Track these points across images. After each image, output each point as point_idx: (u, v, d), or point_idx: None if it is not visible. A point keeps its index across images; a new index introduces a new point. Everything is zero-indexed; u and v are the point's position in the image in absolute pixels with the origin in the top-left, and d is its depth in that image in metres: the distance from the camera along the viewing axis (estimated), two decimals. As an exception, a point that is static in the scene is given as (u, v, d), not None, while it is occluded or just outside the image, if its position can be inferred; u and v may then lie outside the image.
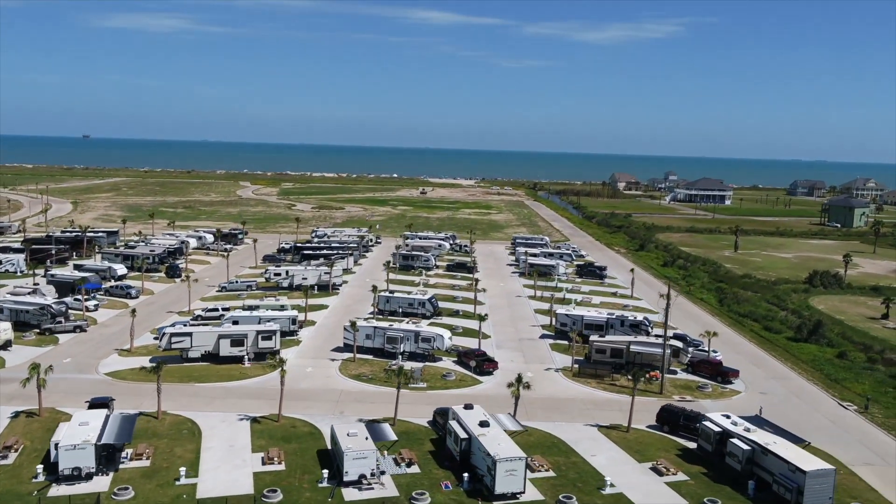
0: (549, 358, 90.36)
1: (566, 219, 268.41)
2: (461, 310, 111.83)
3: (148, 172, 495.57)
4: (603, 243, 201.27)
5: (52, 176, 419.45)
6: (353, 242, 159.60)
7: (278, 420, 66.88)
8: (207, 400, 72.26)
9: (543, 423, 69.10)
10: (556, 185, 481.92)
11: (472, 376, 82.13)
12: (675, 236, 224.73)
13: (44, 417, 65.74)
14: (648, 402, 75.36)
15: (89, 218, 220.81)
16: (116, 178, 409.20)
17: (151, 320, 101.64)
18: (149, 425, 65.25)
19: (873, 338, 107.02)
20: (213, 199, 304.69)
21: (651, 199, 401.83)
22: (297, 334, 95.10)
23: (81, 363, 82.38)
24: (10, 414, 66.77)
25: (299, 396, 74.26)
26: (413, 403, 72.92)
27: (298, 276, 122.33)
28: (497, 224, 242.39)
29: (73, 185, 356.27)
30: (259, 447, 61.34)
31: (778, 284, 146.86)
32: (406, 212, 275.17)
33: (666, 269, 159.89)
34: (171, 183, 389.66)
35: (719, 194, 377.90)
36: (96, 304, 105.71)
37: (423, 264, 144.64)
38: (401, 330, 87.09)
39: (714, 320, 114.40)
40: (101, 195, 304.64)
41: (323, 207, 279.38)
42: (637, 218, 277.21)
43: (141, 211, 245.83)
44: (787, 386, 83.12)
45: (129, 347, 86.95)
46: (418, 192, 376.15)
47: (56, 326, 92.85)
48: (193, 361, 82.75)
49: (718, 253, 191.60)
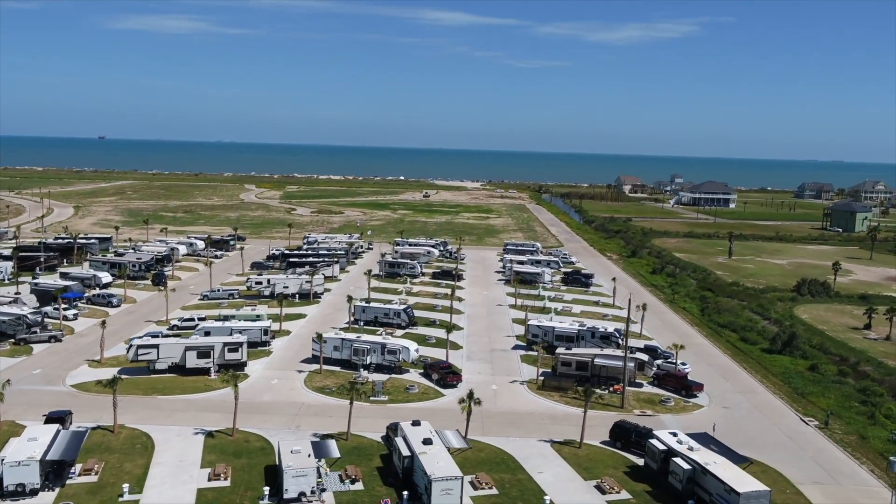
0: (517, 370, 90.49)
1: (565, 223, 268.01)
2: (439, 319, 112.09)
3: (156, 175, 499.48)
4: (596, 249, 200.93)
5: (61, 179, 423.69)
6: (342, 249, 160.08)
7: (232, 434, 67.52)
8: (168, 413, 73.02)
9: (497, 438, 69.32)
10: (562, 188, 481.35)
11: (436, 389, 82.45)
12: (672, 241, 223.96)
13: (1, 431, 66.63)
14: (608, 417, 75.47)
15: (88, 223, 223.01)
16: (123, 182, 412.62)
17: (129, 330, 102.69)
18: (104, 439, 66.08)
19: (851, 349, 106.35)
20: (214, 202, 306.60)
21: (656, 202, 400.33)
22: (269, 345, 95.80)
23: (50, 374, 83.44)
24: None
25: (259, 409, 74.95)
26: (372, 417, 73.34)
27: (280, 285, 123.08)
28: (494, 229, 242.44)
29: (80, 188, 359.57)
30: (209, 462, 61.99)
31: (765, 293, 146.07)
32: (405, 216, 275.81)
33: (654, 276, 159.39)
34: (176, 186, 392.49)
35: (724, 197, 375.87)
36: (75, 314, 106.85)
37: (408, 272, 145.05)
38: (367, 342, 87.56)
39: (692, 330, 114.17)
40: (105, 199, 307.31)
41: (322, 212, 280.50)
42: (636, 222, 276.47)
43: (141, 216, 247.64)
44: (753, 400, 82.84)
45: (100, 358, 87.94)
46: (421, 196, 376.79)
47: (31, 336, 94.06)
48: (161, 373, 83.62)
49: (712, 259, 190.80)
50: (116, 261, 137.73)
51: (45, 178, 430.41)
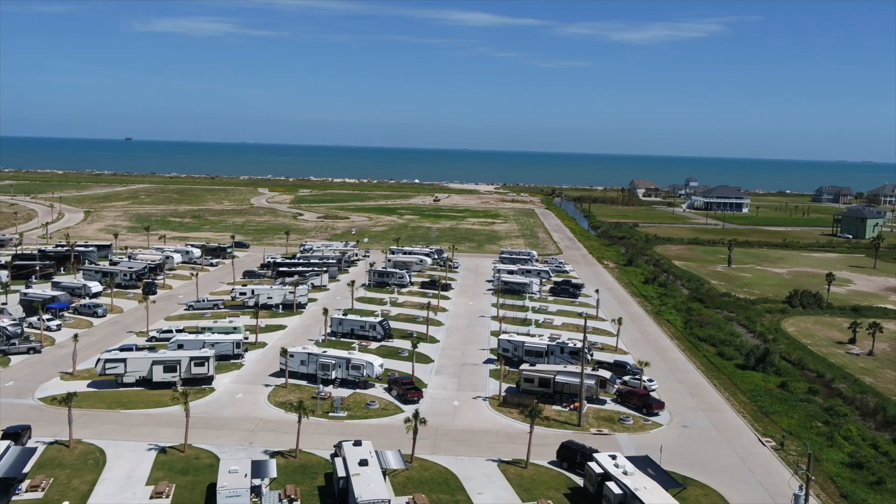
0: (483, 385, 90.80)
1: (569, 229, 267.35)
2: (416, 332, 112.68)
3: (173, 178, 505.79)
4: (595, 257, 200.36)
5: (78, 182, 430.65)
6: (333, 258, 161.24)
7: (184, 451, 68.73)
8: (127, 428, 74.42)
9: (446, 457, 69.80)
10: (575, 191, 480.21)
11: (396, 405, 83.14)
12: (674, 249, 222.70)
13: (-41, 445, 68.38)
14: (564, 435, 75.66)
15: (94, 229, 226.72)
16: (139, 185, 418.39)
17: (109, 341, 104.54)
18: (58, 454, 67.60)
19: (830, 365, 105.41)
20: (224, 207, 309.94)
21: (669, 206, 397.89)
22: (241, 357, 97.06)
23: (22, 387, 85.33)
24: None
25: (217, 424, 76.14)
26: (326, 434, 74.07)
27: (264, 295, 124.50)
28: (497, 235, 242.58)
29: (95, 192, 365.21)
30: (155, 479, 63.18)
31: (756, 304, 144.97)
32: (411, 221, 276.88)
33: (646, 286, 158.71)
34: (190, 190, 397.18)
35: (736, 202, 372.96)
36: (58, 324, 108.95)
37: (397, 282, 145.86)
38: (332, 357, 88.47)
39: (671, 344, 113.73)
40: (117, 203, 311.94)
41: (328, 217, 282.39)
42: (643, 228, 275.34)
43: (148, 221, 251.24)
44: (714, 419, 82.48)
45: (72, 371, 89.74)
46: (432, 200, 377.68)
47: (10, 348, 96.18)
48: (129, 386, 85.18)
49: (710, 267, 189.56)
50: (109, 270, 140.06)
51: (64, 181, 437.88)
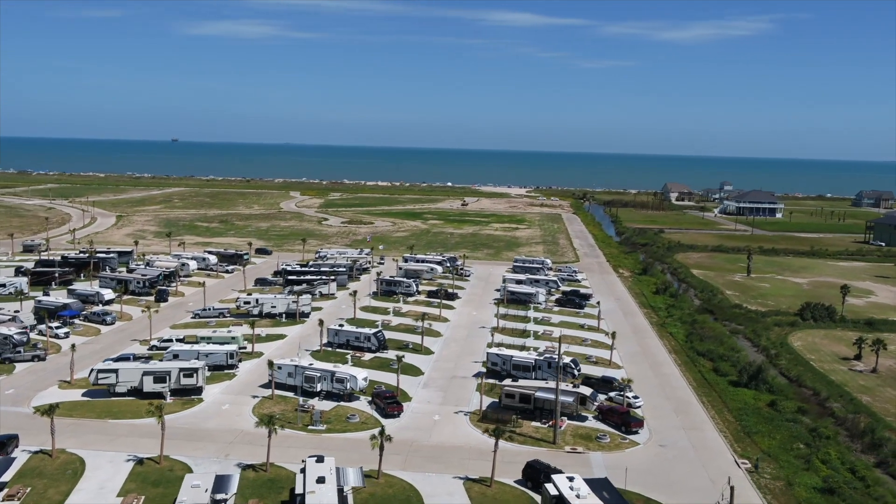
0: (467, 399, 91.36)
1: (592, 235, 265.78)
2: (413, 343, 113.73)
3: (210, 181, 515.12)
4: (612, 265, 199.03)
5: (117, 186, 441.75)
6: (343, 266, 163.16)
7: (160, 462, 70.86)
8: (111, 438, 76.89)
9: (415, 473, 70.69)
10: (607, 195, 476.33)
11: (377, 419, 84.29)
12: (695, 256, 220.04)
13: (-51, 453, 71.52)
14: (538, 453, 76.14)
15: (122, 234, 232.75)
16: (174, 189, 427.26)
17: (114, 349, 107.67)
18: (41, 464, 70.28)
19: (829, 382, 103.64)
20: (252, 212, 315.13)
21: (701, 210, 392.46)
22: (236, 368, 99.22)
23: (20, 395, 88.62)
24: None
25: (199, 436, 78.21)
26: (303, 447, 75.51)
27: (268, 305, 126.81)
28: (517, 242, 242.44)
29: (131, 196, 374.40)
30: (126, 491, 65.37)
31: (767, 316, 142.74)
32: (434, 227, 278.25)
33: (657, 296, 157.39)
34: (223, 194, 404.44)
35: (769, 207, 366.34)
36: (66, 332, 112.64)
37: (404, 290, 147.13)
38: (318, 369, 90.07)
39: (668, 358, 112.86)
40: (150, 207, 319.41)
41: (353, 222, 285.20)
42: (668, 234, 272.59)
43: (176, 226, 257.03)
44: (695, 438, 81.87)
45: (70, 380, 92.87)
46: (460, 204, 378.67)
47: (15, 356, 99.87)
48: (121, 396, 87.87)
49: (728, 277, 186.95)
50: (122, 277, 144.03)
51: (104, 184, 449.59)
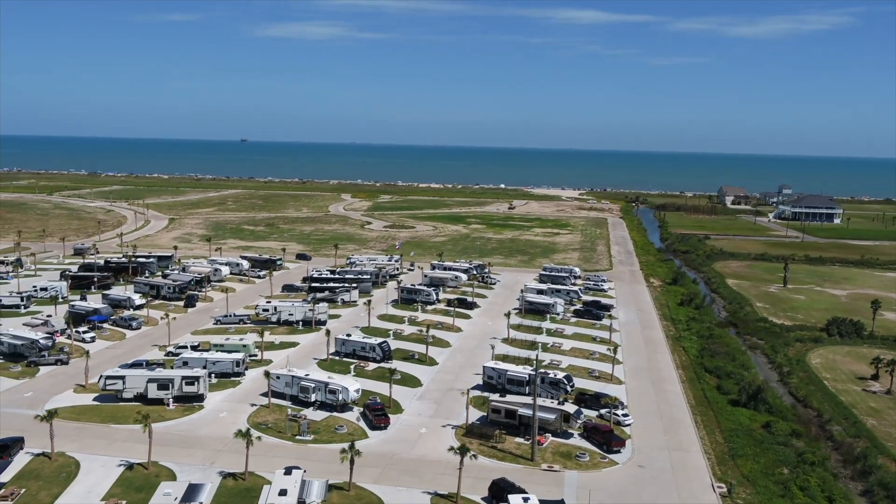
0: (459, 413, 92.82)
1: (633, 241, 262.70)
2: (419, 353, 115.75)
3: (267, 183, 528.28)
4: (644, 274, 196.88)
5: (178, 187, 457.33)
6: (367, 273, 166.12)
7: (148, 468, 74.79)
8: (109, 442, 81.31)
9: (386, 487, 72.73)
10: (661, 198, 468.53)
11: (364, 430, 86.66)
12: (734, 265, 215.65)
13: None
14: (515, 470, 77.31)
15: (170, 238, 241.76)
16: (230, 191, 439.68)
17: (134, 354, 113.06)
18: (40, 466, 75.07)
19: (837, 403, 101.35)
20: (300, 215, 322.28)
21: (757, 215, 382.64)
22: (242, 375, 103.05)
23: (37, 398, 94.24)
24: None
25: (191, 443, 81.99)
26: (287, 457, 78.36)
27: (285, 312, 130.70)
28: (554, 248, 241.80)
29: (188, 198, 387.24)
30: (111, 495, 69.36)
31: (792, 331, 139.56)
32: (475, 231, 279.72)
33: (681, 307, 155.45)
34: (276, 196, 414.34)
35: (827, 212, 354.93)
36: (93, 336, 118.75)
37: (424, 299, 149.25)
38: (313, 380, 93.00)
39: (674, 374, 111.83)
40: (203, 210, 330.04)
41: (394, 226, 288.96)
42: (714, 241, 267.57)
43: (223, 229, 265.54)
44: (678, 459, 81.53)
45: (85, 384, 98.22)
46: (507, 207, 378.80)
47: (40, 359, 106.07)
48: (128, 401, 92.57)
49: (763, 288, 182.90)
50: (154, 282, 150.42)
51: (166, 186, 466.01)
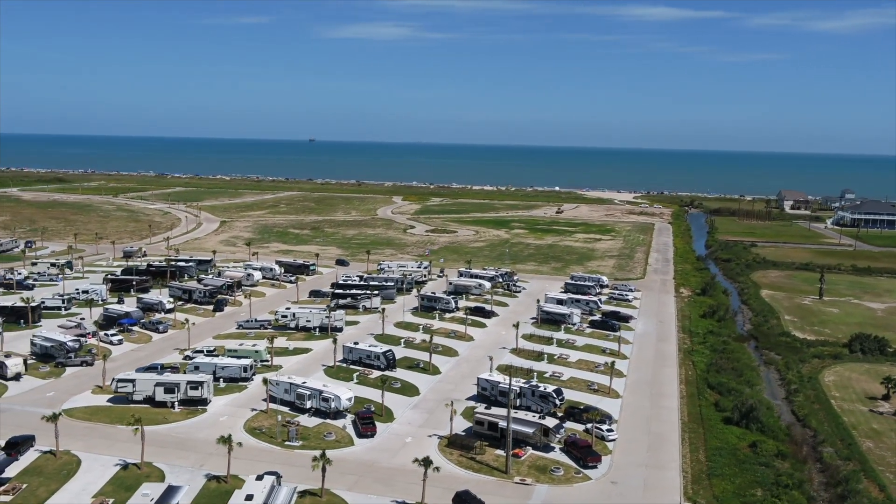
0: (448, 423, 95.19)
1: (675, 248, 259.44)
2: (423, 361, 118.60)
3: (324, 185, 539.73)
4: (676, 283, 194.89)
5: (236, 189, 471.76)
6: (391, 280, 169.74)
7: (141, 468, 79.94)
8: (112, 442, 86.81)
9: (358, 494, 75.98)
10: (717, 202, 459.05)
11: (351, 438, 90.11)
12: (773, 275, 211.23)
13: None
14: (489, 482, 79.59)
15: (217, 241, 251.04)
16: (285, 193, 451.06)
17: (155, 356, 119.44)
18: (45, 463, 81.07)
19: (837, 424, 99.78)
20: (347, 218, 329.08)
21: (815, 220, 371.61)
22: (250, 381, 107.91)
23: (57, 398, 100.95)
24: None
25: (188, 445, 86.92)
26: (272, 462, 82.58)
27: (303, 318, 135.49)
28: (591, 255, 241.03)
29: (244, 200, 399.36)
30: (101, 493, 74.59)
31: (813, 346, 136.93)
32: (516, 236, 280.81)
33: (703, 319, 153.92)
34: (329, 199, 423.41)
35: (888, 219, 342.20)
36: (120, 339, 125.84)
37: (443, 307, 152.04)
38: (308, 388, 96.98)
39: (675, 389, 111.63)
40: (255, 213, 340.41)
41: (436, 231, 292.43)
42: (761, 248, 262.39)
43: (270, 233, 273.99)
44: (652, 476, 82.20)
45: (103, 385, 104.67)
46: (554, 212, 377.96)
47: (67, 361, 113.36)
48: (138, 403, 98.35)
49: (798, 300, 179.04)
50: (188, 287, 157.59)
51: (226, 188, 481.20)
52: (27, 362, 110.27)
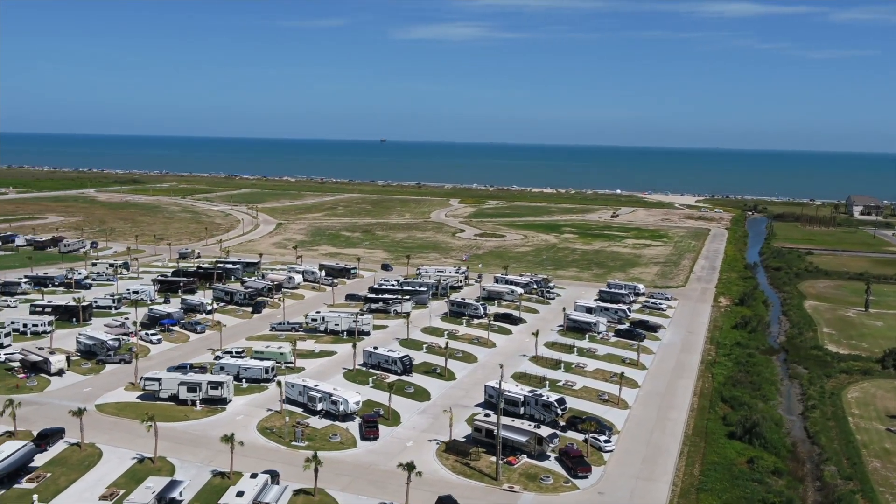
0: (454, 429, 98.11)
1: (725, 255, 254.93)
2: (441, 367, 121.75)
3: (384, 187, 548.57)
4: (717, 292, 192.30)
5: (300, 191, 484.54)
6: (424, 286, 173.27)
7: (154, 462, 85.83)
8: (134, 437, 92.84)
9: (349, 495, 79.80)
10: (783, 206, 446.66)
11: (355, 440, 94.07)
12: (821, 285, 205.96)
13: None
14: (475, 488, 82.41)
15: (269, 243, 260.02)
16: (344, 195, 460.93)
17: (189, 356, 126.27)
18: (70, 454, 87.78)
19: (847, 443, 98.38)
20: (399, 221, 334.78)
21: (885, 227, 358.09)
22: (272, 382, 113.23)
23: (93, 393, 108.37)
24: (0, 433, 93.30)
25: (201, 442, 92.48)
26: (274, 461, 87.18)
27: (332, 322, 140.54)
28: (637, 261, 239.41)
29: (304, 202, 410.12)
30: (115, 485, 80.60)
31: (844, 360, 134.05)
32: (564, 241, 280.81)
33: (734, 331, 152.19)
34: (387, 201, 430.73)
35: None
36: (159, 339, 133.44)
37: (472, 312, 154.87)
38: (319, 391, 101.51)
39: (687, 401, 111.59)
40: (312, 215, 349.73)
41: (485, 235, 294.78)
42: (817, 255, 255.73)
43: (322, 235, 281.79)
44: (641, 489, 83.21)
45: (135, 382, 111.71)
46: (609, 216, 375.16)
47: (107, 359, 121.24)
48: (164, 401, 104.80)
49: (841, 312, 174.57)
50: (230, 289, 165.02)
51: (290, 189, 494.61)
52: (70, 359, 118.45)
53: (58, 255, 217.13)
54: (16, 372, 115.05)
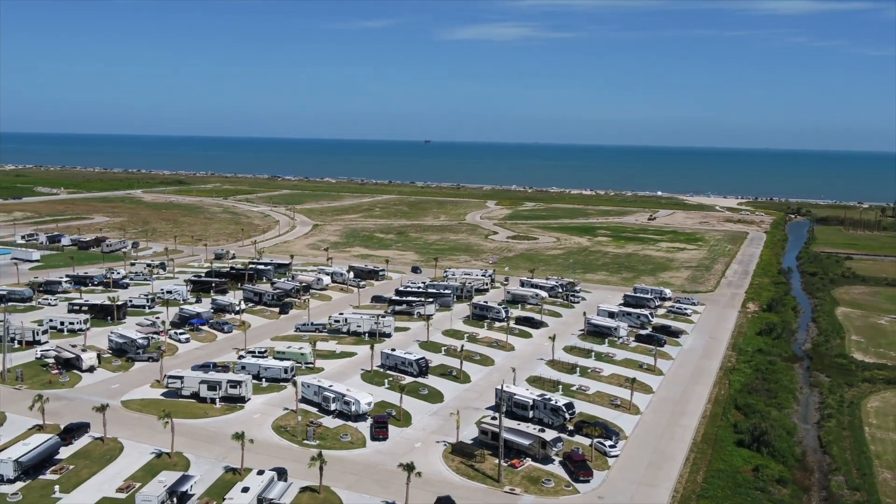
0: (461, 431, 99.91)
1: (760, 259, 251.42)
2: (456, 370, 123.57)
3: (423, 188, 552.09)
4: (746, 297, 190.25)
5: (338, 192, 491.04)
6: (448, 288, 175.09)
7: (171, 457, 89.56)
8: (155, 433, 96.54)
9: (352, 493, 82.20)
10: (828, 209, 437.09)
11: (365, 440, 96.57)
12: (857, 291, 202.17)
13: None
14: (480, 489, 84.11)
15: (304, 244, 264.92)
16: (382, 197, 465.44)
17: (215, 355, 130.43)
18: (93, 448, 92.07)
19: (860, 453, 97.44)
20: (434, 223, 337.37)
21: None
22: (290, 381, 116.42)
23: (120, 389, 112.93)
24: (31, 426, 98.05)
25: (217, 439, 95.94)
26: (285, 459, 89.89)
27: (354, 324, 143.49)
28: (668, 265, 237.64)
29: (342, 203, 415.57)
30: (133, 478, 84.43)
31: (868, 369, 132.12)
32: (597, 244, 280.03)
33: (758, 337, 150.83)
34: (424, 202, 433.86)
35: None
36: (187, 338, 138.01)
37: (494, 316, 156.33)
38: (333, 391, 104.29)
39: (700, 408, 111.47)
40: (348, 216, 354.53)
41: (517, 237, 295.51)
42: (856, 261, 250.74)
43: (357, 237, 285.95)
44: (641, 495, 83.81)
45: (160, 380, 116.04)
46: (646, 218, 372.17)
47: (136, 356, 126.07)
48: (186, 398, 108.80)
49: (874, 319, 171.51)
50: (259, 290, 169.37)
51: (330, 190, 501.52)
52: (101, 356, 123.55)
53: (100, 255, 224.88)
54: (50, 368, 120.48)
